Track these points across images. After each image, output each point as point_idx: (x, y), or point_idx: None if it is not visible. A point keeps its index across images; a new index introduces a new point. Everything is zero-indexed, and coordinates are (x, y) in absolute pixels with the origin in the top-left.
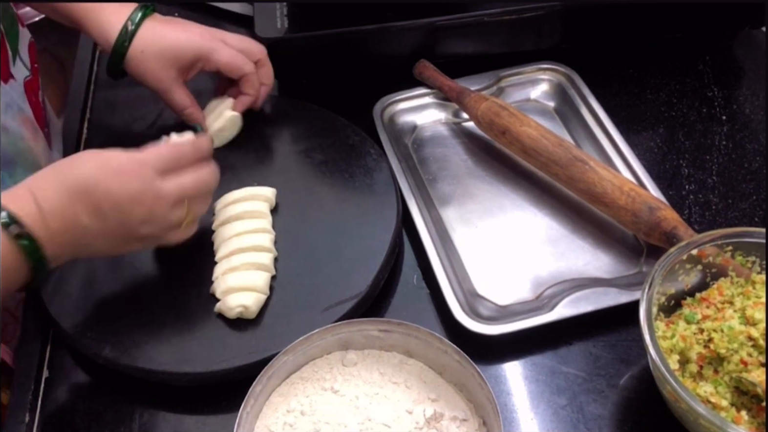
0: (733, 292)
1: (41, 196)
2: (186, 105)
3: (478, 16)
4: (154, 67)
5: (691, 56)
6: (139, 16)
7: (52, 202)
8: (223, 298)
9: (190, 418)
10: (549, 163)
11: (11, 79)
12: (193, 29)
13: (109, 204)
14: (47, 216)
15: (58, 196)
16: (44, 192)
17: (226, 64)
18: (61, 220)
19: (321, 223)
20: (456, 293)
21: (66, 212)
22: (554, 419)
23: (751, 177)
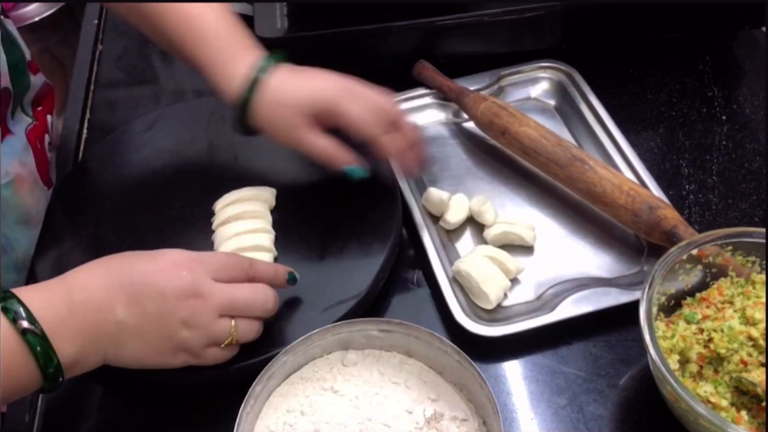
0: (733, 292)
1: (78, 285)
2: (325, 148)
3: (478, 16)
4: (283, 115)
5: (691, 56)
6: (268, 65)
7: (89, 291)
8: None
9: (190, 418)
10: (548, 163)
11: (8, 134)
12: (325, 78)
13: (152, 295)
14: (78, 307)
15: (97, 282)
16: (83, 281)
17: (352, 123)
18: (95, 311)
19: (321, 223)
20: (456, 293)
21: (102, 303)
22: (554, 419)
23: (751, 177)
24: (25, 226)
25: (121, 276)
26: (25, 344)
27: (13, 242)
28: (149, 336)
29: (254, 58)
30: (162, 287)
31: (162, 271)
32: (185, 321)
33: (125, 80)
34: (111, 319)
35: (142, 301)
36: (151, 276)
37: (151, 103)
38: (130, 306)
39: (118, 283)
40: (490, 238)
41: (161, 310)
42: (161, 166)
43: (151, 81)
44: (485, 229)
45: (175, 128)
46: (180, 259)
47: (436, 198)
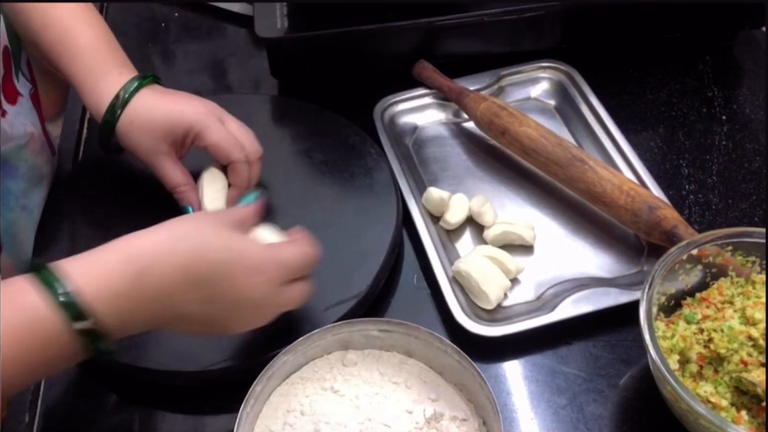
0: (733, 292)
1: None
2: (178, 182)
3: (478, 16)
4: (144, 138)
5: (691, 56)
6: (134, 86)
7: (160, 286)
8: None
9: (190, 418)
10: (548, 163)
11: (20, 96)
12: (190, 102)
13: (227, 301)
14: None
15: (173, 280)
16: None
17: (215, 145)
18: (161, 303)
19: (321, 223)
20: (456, 293)
21: (173, 298)
22: (554, 419)
23: (751, 177)
24: (39, 186)
25: (199, 272)
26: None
27: (32, 202)
28: (205, 328)
29: (124, 78)
30: (238, 296)
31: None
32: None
33: None
34: (177, 312)
35: (212, 304)
36: (232, 280)
37: None
38: (202, 305)
39: (195, 278)
40: (490, 238)
41: (229, 314)
42: None
43: None
44: (485, 230)
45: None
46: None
47: (436, 198)
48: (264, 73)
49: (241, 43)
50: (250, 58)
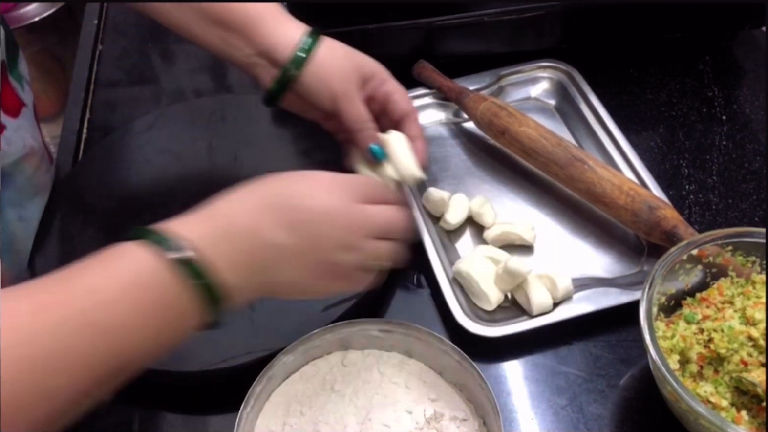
0: (733, 292)
1: (221, 213)
2: (366, 118)
3: (478, 16)
4: (334, 75)
5: (691, 56)
6: (309, 43)
7: (238, 219)
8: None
9: (190, 418)
10: (548, 163)
11: (23, 106)
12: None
13: (303, 217)
14: (227, 236)
15: (246, 210)
16: (225, 208)
17: (399, 91)
18: (247, 237)
19: None
20: (456, 293)
21: (251, 229)
22: (554, 419)
23: (751, 177)
24: (37, 197)
25: (271, 197)
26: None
27: (30, 213)
28: (308, 258)
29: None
30: (317, 208)
31: (315, 192)
32: (339, 244)
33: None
34: (267, 242)
35: (299, 223)
36: (305, 198)
37: (151, 103)
38: (285, 228)
39: (269, 205)
40: (490, 239)
41: (318, 231)
42: (161, 167)
43: (151, 81)
44: (485, 230)
45: (175, 128)
46: (330, 181)
47: (436, 198)
48: None
49: None
50: None
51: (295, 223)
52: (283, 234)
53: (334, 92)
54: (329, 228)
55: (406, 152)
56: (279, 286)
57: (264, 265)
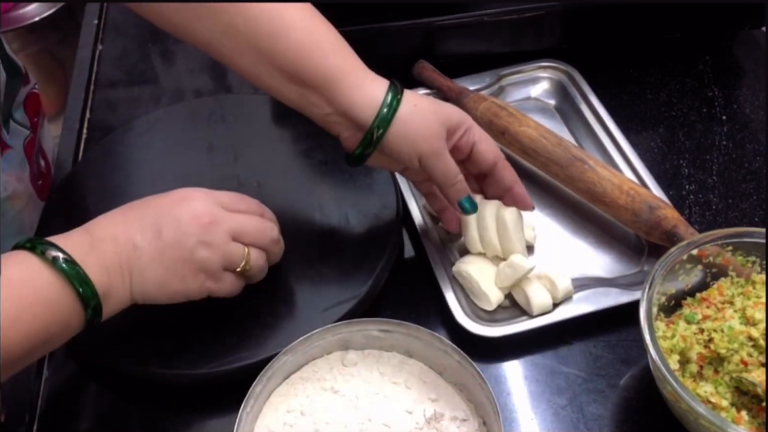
0: (733, 292)
1: (95, 225)
2: (457, 171)
3: (478, 16)
4: (420, 133)
5: (691, 56)
6: (396, 91)
7: (106, 227)
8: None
9: (190, 418)
10: (549, 163)
11: (7, 149)
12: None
13: (167, 221)
14: (98, 242)
15: (113, 220)
16: (100, 221)
17: (485, 140)
18: (113, 242)
19: (321, 223)
20: (456, 293)
21: (117, 234)
22: (554, 419)
23: (751, 177)
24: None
25: (136, 210)
26: (59, 273)
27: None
28: (168, 259)
29: (377, 83)
30: (176, 213)
31: (175, 202)
32: (201, 241)
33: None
34: (129, 246)
35: (158, 227)
36: (166, 206)
37: (151, 103)
38: (146, 232)
39: (134, 216)
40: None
41: (177, 233)
42: (161, 167)
43: (151, 81)
44: None
45: (175, 129)
46: (192, 191)
47: None
48: None
49: None
50: None
51: (155, 228)
52: (147, 236)
53: (420, 151)
54: (188, 227)
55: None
56: (148, 287)
57: (131, 267)
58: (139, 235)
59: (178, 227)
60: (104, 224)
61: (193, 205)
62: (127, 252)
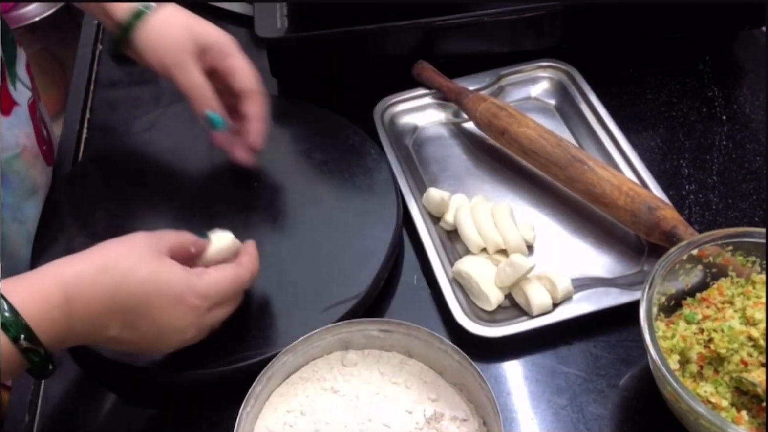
0: (733, 292)
1: (77, 302)
2: (198, 85)
3: (478, 16)
4: (164, 44)
5: (691, 56)
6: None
7: (88, 309)
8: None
9: (190, 419)
10: (548, 164)
11: (15, 105)
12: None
13: (150, 328)
14: (76, 322)
15: (96, 307)
16: (83, 298)
17: (238, 66)
18: (91, 326)
19: (321, 223)
20: (456, 293)
21: (97, 323)
22: (554, 419)
23: (751, 177)
24: (33, 198)
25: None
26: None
27: (26, 214)
28: (134, 347)
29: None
30: (161, 325)
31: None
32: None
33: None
34: (106, 334)
35: (137, 330)
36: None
37: (151, 103)
38: (125, 329)
39: (118, 307)
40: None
41: (155, 338)
42: (161, 167)
43: (151, 81)
44: None
45: (175, 129)
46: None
47: (437, 198)
48: (264, 73)
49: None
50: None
51: (137, 328)
52: (122, 332)
53: (163, 61)
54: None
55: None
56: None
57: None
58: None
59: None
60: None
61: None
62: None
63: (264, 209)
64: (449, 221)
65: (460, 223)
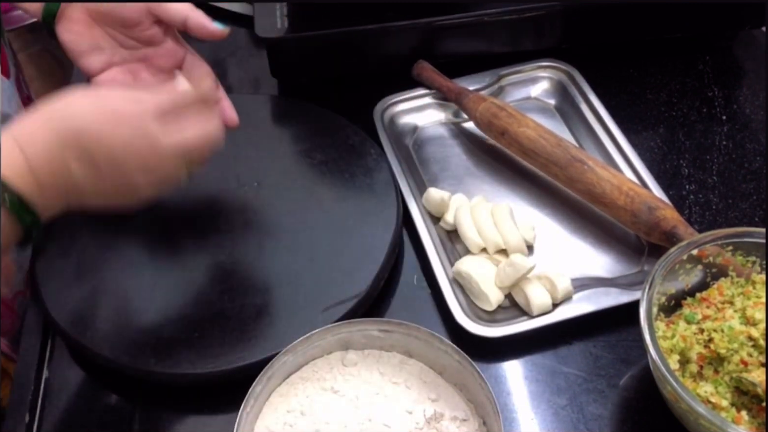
0: (733, 292)
1: (29, 147)
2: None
3: (478, 16)
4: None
5: (691, 56)
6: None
7: (41, 153)
8: None
9: (190, 418)
10: (548, 164)
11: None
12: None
13: (102, 152)
14: (36, 170)
15: (48, 145)
16: (32, 141)
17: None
18: (50, 173)
19: (321, 223)
20: (456, 294)
21: (55, 162)
22: (554, 419)
23: (751, 177)
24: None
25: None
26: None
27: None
28: (107, 187)
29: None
30: (109, 144)
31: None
32: (139, 169)
33: None
34: (68, 177)
35: (93, 159)
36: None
37: None
38: (81, 165)
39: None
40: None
41: (113, 165)
42: None
43: None
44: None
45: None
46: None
47: (437, 198)
48: (264, 73)
49: (241, 43)
50: (250, 58)
51: (93, 156)
52: (82, 168)
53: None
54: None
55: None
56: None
57: (68, 192)
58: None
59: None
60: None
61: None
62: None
63: (264, 209)
64: (449, 221)
65: (460, 223)
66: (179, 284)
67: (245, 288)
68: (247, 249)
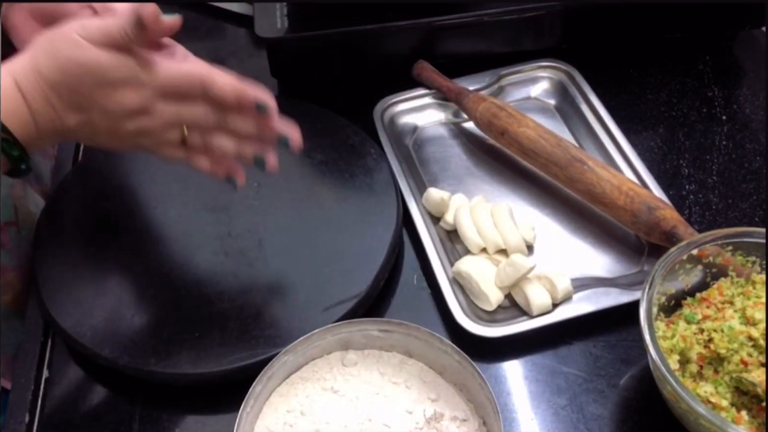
0: (733, 292)
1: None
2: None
3: (478, 16)
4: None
5: (691, 56)
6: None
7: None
8: None
9: (190, 418)
10: (548, 164)
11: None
12: None
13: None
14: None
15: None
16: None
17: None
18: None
19: (321, 223)
20: (456, 294)
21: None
22: (554, 419)
23: (751, 177)
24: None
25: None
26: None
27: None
28: (103, 139)
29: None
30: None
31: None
32: (137, 132)
33: None
34: (64, 126)
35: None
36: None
37: None
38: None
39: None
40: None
41: (110, 122)
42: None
43: None
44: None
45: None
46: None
47: (437, 198)
48: (264, 73)
49: (241, 43)
50: (250, 58)
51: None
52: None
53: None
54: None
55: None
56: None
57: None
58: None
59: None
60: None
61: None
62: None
63: (264, 209)
64: (449, 221)
65: (459, 223)
66: (179, 284)
67: (245, 288)
68: (247, 249)
